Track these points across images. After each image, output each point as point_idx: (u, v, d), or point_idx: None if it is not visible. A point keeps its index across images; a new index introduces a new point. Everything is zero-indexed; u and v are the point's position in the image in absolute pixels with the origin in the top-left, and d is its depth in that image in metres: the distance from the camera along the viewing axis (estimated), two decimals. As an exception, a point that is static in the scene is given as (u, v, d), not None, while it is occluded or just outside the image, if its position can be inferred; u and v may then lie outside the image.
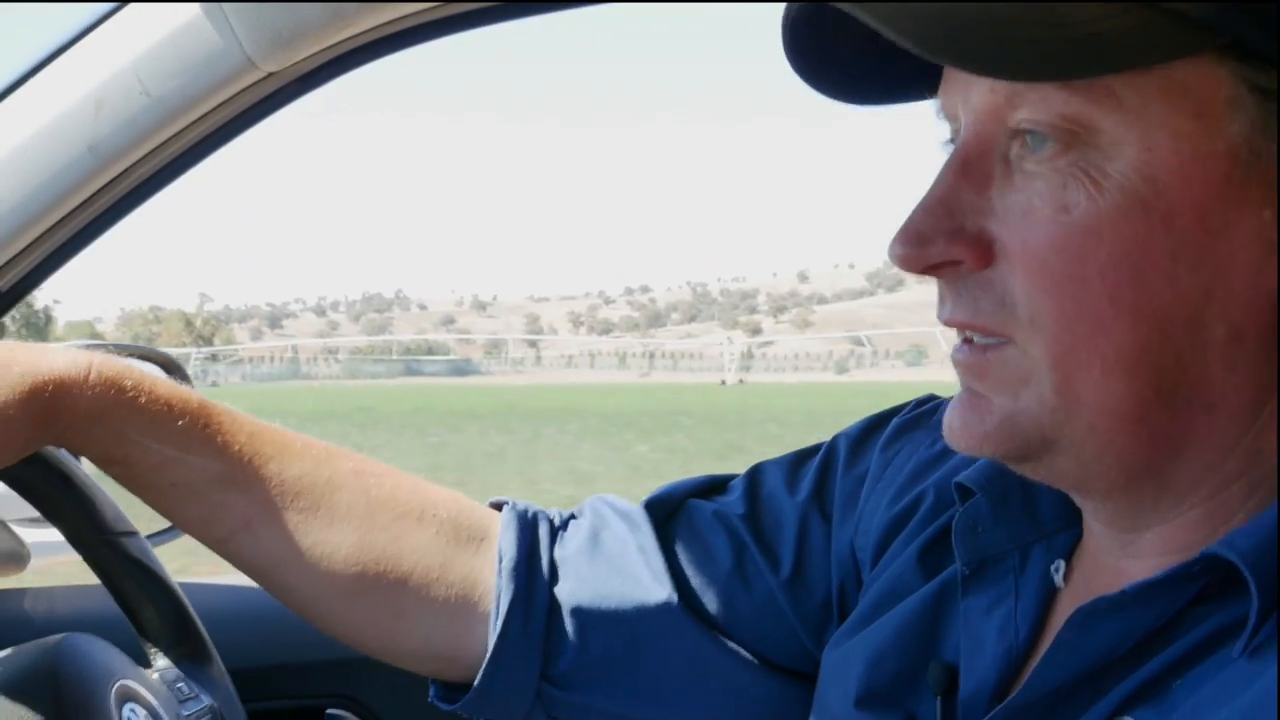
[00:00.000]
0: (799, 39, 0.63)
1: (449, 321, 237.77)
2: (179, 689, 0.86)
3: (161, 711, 0.80)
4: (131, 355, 1.36)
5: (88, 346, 1.21)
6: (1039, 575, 0.70)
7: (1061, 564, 0.70)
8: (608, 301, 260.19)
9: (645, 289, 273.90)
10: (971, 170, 0.59)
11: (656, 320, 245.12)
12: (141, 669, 0.85)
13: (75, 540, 0.86)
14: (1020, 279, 0.57)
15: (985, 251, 0.59)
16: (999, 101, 0.57)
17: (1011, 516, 0.71)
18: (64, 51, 1.01)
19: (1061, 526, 0.70)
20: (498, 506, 0.93)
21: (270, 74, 1.03)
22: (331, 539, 0.84)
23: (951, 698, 0.70)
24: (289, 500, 0.83)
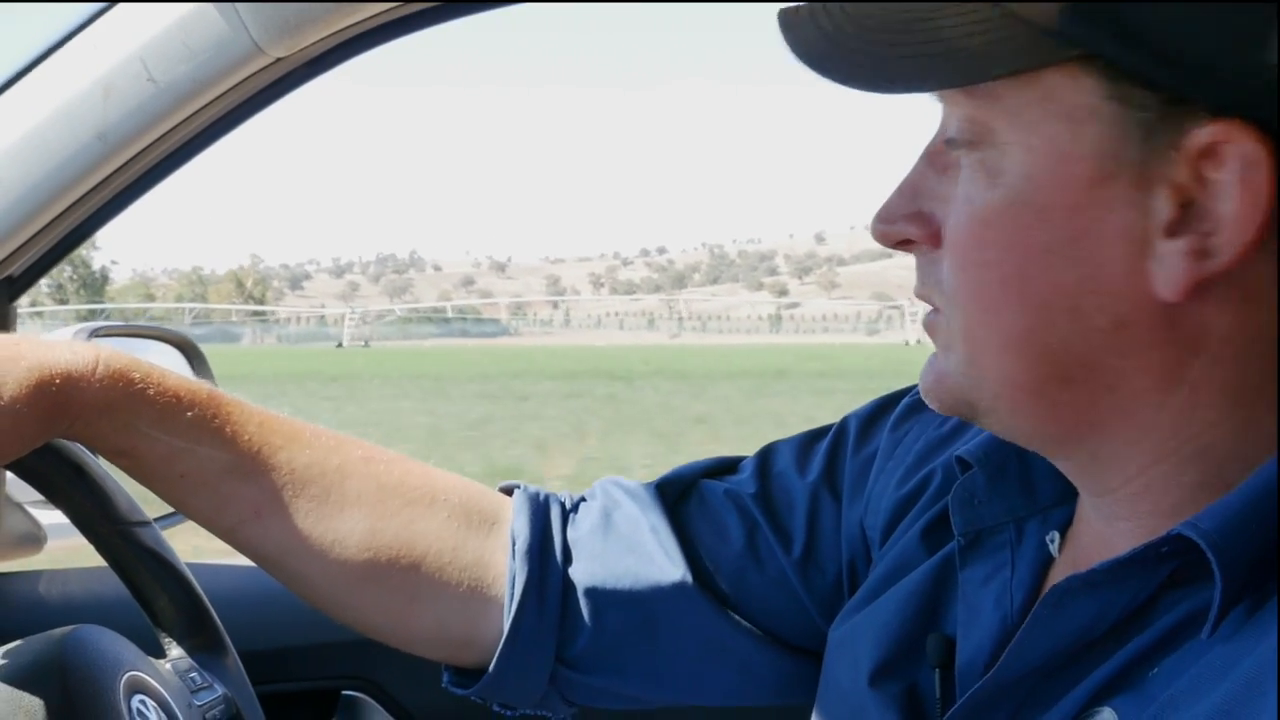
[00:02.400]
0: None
1: (468, 282, 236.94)
2: (191, 679, 0.86)
3: (172, 702, 0.80)
4: (149, 337, 1.36)
5: (97, 330, 1.22)
6: (1035, 547, 0.71)
7: (1056, 535, 0.70)
8: (625, 263, 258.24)
9: (662, 250, 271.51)
10: (936, 159, 0.64)
11: (678, 282, 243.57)
12: (153, 659, 0.85)
13: (89, 530, 0.86)
14: (946, 259, 0.63)
15: (935, 233, 0.64)
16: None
17: (1007, 490, 0.72)
18: (71, 39, 1.00)
19: (1057, 501, 0.71)
20: (508, 491, 0.93)
21: (278, 59, 1.02)
22: (342, 526, 0.84)
23: (949, 669, 0.70)
24: (299, 489, 0.83)
